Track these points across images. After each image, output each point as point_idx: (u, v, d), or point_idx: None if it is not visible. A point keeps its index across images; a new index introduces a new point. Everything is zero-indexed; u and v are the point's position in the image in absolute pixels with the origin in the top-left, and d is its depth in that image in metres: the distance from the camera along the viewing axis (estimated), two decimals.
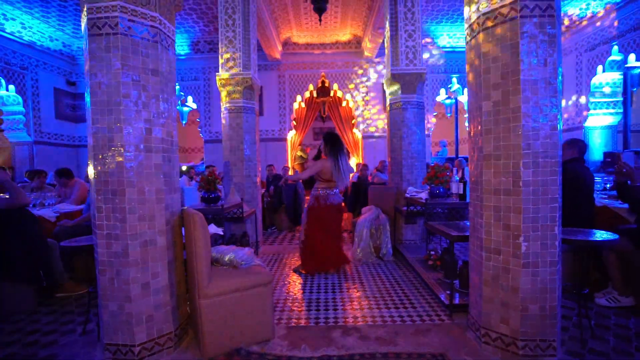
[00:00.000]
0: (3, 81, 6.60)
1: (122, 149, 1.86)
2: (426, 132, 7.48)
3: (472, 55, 2.04)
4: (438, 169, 3.33)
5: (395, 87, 4.53)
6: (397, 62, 4.48)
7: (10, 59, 6.73)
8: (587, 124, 6.33)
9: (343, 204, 4.13)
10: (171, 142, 2.13)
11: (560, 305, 1.86)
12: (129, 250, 1.86)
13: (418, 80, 4.47)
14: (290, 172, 7.72)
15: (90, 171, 1.92)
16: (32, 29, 6.86)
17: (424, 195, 3.54)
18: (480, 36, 1.93)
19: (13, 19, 6.47)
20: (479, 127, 1.98)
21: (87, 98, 1.90)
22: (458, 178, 3.28)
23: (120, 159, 1.86)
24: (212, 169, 6.77)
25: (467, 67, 2.13)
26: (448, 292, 2.69)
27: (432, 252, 3.53)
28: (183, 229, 2.15)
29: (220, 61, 4.55)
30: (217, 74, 4.53)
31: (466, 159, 7.98)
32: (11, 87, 6.74)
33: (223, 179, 4.81)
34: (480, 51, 1.93)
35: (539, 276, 1.79)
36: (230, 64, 4.51)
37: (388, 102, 4.70)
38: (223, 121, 4.62)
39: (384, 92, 8.39)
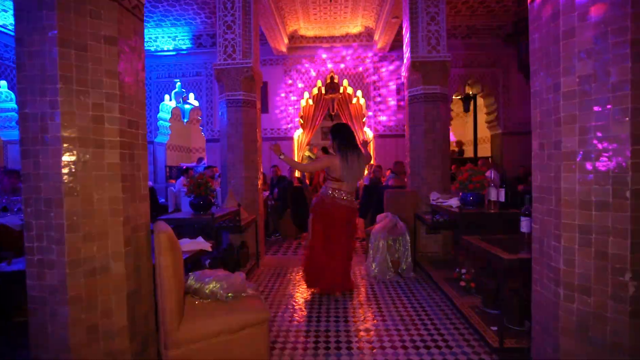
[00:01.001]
0: None
1: (59, 142, 1.35)
2: None
3: (543, 14, 1.48)
4: (473, 171, 2.76)
5: (415, 78, 3.97)
6: (417, 49, 3.92)
7: (2, 53, 6.38)
8: None
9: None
10: (136, 135, 1.62)
11: None
12: (67, 283, 1.35)
13: (442, 69, 3.90)
14: (297, 174, 7.19)
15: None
16: None
17: (453, 202, 2.97)
18: None
19: (4, 10, 6.11)
20: (554, 114, 1.42)
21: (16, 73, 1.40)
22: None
23: (57, 156, 1.35)
24: (212, 169, 6.32)
25: (530, 32, 1.57)
26: (493, 328, 2.12)
27: (464, 271, 2.95)
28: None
29: (218, 49, 4.07)
30: (213, 63, 4.04)
31: (487, 159, 7.33)
32: (3, 82, 6.40)
33: (221, 181, 4.32)
34: (559, 4, 1.37)
35: None
36: (229, 51, 4.01)
37: (407, 95, 4.14)
38: (221, 116, 4.13)
39: (397, 88, 7.83)
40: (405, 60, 4.16)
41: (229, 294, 1.68)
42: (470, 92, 8.30)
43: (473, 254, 2.70)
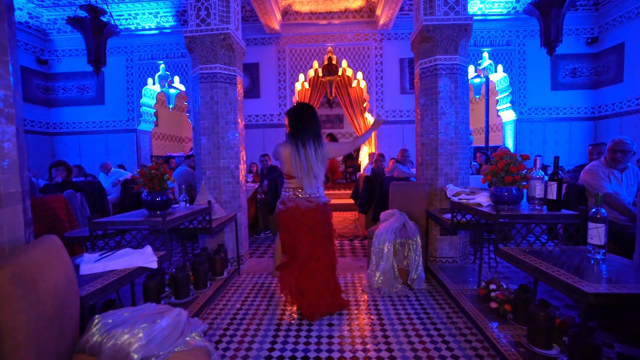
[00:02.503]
0: None
1: None
2: None
3: None
4: (510, 159, 2.09)
5: (429, 46, 3.26)
6: (433, 11, 3.20)
7: None
8: None
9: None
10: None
11: None
12: None
13: (461, 35, 3.19)
14: None
15: None
16: None
17: (482, 199, 2.31)
18: None
19: None
20: None
21: None
22: (543, 174, 2.04)
23: None
24: (194, 159, 5.65)
25: None
26: None
27: (493, 286, 2.32)
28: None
29: (190, 12, 3.35)
30: (184, 30, 3.34)
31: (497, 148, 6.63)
32: None
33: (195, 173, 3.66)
34: None
35: None
36: (202, 15, 3.30)
37: (418, 68, 3.44)
38: (193, 94, 3.44)
39: (401, 69, 7.11)
40: (416, 26, 3.44)
41: (152, 357, 1.04)
42: (482, 75, 7.56)
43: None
